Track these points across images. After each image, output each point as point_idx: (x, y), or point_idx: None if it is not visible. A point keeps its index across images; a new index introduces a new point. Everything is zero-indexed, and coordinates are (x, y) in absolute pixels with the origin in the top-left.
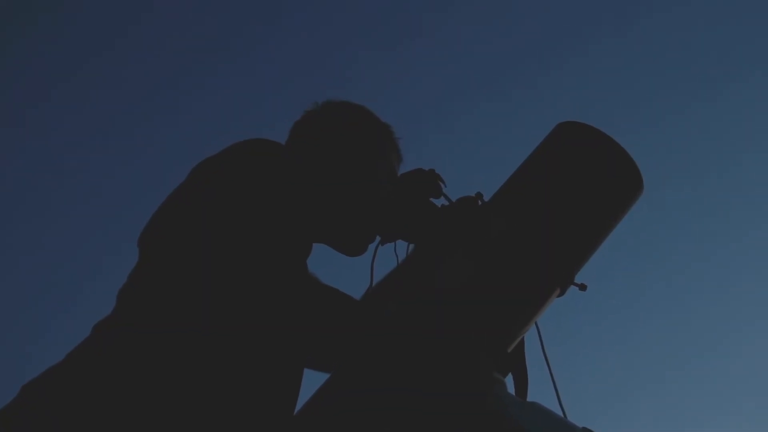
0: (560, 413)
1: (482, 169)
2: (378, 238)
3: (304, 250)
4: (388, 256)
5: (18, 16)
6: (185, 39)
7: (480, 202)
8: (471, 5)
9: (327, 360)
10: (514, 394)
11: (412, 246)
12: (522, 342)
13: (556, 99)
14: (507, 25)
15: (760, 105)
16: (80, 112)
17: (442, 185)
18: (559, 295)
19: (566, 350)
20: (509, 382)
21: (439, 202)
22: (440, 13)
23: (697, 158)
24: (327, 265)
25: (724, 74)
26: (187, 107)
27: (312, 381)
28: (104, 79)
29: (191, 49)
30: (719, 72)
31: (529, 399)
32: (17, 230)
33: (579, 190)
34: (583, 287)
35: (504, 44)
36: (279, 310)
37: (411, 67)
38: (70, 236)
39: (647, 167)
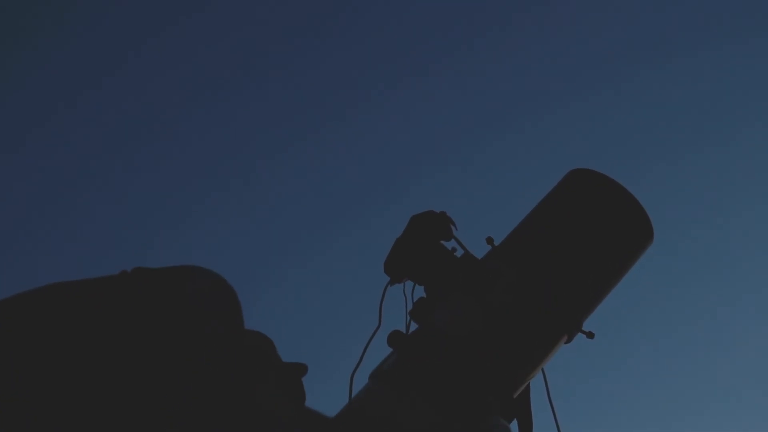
0: None
1: (494, 213)
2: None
3: None
4: (397, 296)
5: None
6: (186, 71)
7: (491, 247)
8: (488, 45)
9: None
10: None
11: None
12: (528, 388)
13: (567, 142)
14: (519, 64)
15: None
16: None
17: (453, 228)
18: (566, 342)
19: (572, 396)
20: (514, 427)
21: (450, 244)
22: (455, 51)
23: (706, 205)
24: (337, 306)
25: (734, 122)
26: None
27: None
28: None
29: (193, 81)
30: (729, 119)
31: None
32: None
33: (589, 238)
34: (590, 335)
35: (515, 84)
36: None
37: (423, 108)
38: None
39: (657, 215)
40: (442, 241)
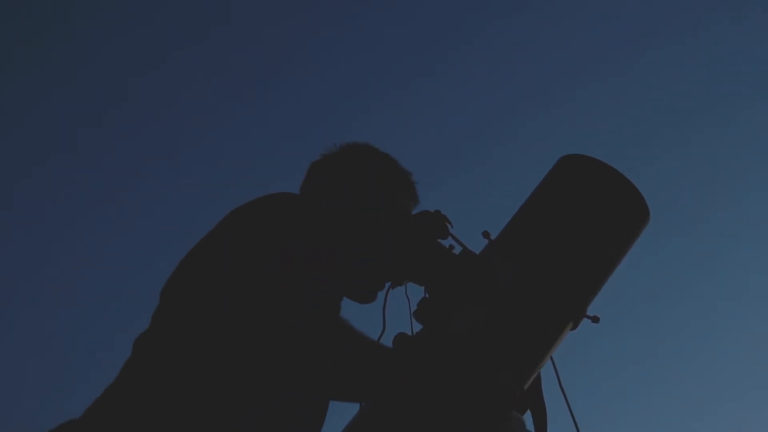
0: None
1: (488, 205)
2: (388, 283)
3: (337, 296)
4: (399, 299)
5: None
6: (193, 92)
7: (488, 241)
8: (470, 48)
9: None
10: (533, 431)
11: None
12: (538, 378)
13: (555, 131)
14: (505, 54)
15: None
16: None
17: (449, 226)
18: (572, 329)
19: (584, 381)
20: (528, 419)
21: (447, 242)
22: (441, 53)
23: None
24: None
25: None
26: (190, 163)
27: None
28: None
29: (199, 102)
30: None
31: None
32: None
33: (585, 223)
34: (595, 319)
35: (500, 75)
36: (312, 354)
37: (408, 104)
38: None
39: (652, 198)
40: (440, 240)
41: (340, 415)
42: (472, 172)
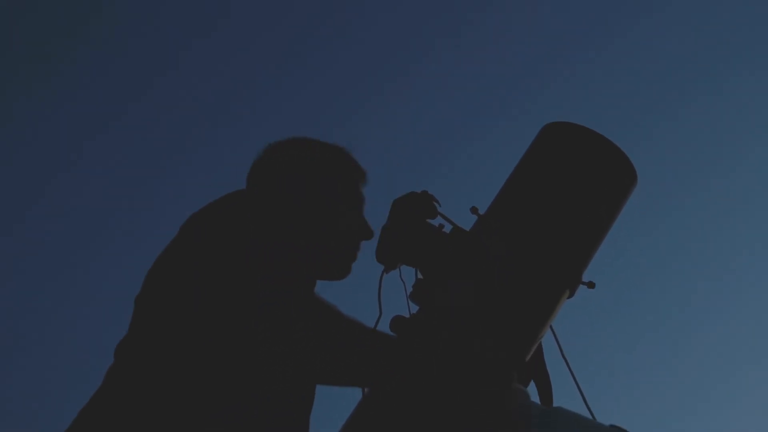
0: (587, 414)
1: (475, 180)
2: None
3: (307, 284)
4: (394, 283)
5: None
6: (185, 98)
7: (477, 217)
8: (452, 25)
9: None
10: (538, 402)
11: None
12: (540, 348)
13: (542, 105)
14: (484, 27)
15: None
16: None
17: (437, 205)
18: (569, 297)
19: (586, 348)
20: (532, 390)
21: (437, 221)
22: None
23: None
24: (335, 298)
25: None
26: (189, 164)
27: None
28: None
29: (193, 107)
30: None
31: (555, 404)
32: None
33: (573, 190)
34: (591, 285)
35: (482, 54)
36: (285, 347)
37: (396, 93)
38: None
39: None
40: (429, 220)
41: (339, 412)
42: (457, 149)
